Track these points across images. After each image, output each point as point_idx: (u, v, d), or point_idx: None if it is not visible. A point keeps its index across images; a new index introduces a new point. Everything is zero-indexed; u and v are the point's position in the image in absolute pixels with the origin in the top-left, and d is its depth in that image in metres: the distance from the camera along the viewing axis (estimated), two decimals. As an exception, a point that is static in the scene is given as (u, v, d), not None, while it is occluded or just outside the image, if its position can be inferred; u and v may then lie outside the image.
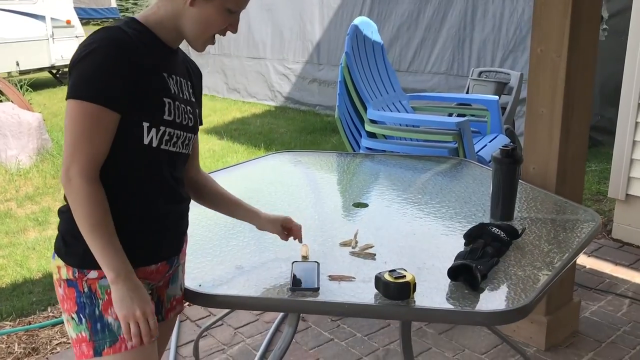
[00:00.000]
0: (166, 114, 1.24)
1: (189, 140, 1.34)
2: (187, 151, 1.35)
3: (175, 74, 1.31)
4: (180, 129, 1.29)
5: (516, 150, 1.85)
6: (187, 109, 1.33)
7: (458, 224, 1.86)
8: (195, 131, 1.38)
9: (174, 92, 1.28)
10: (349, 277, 1.51)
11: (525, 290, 1.45)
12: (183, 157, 1.35)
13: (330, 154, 2.66)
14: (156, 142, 1.23)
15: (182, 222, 1.39)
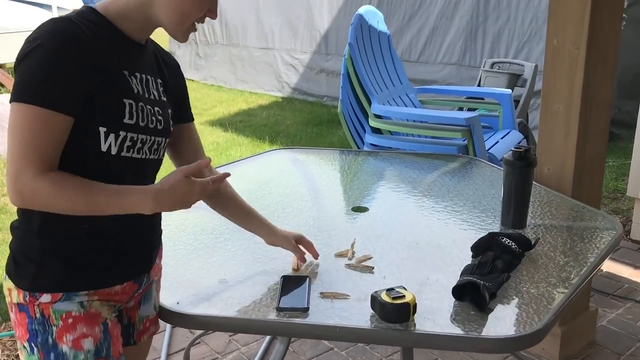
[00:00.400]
0: (127, 117, 1.10)
1: (158, 145, 1.20)
2: (157, 156, 1.21)
3: (139, 71, 1.16)
4: (145, 133, 1.15)
5: (530, 152, 1.69)
6: (155, 110, 1.18)
7: (465, 232, 1.71)
8: (167, 134, 1.23)
9: (137, 91, 1.14)
10: (342, 295, 1.37)
11: (539, 311, 1.30)
12: (153, 163, 1.21)
13: (331, 151, 2.52)
14: (116, 149, 1.09)
15: (152, 236, 1.26)
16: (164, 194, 1.08)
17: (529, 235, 1.68)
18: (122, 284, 1.18)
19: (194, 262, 1.53)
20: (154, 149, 1.19)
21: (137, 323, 1.27)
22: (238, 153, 5.07)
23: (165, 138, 1.22)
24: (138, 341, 1.28)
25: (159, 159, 1.23)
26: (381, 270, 1.49)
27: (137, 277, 1.22)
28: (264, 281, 1.43)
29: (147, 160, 1.18)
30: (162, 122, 1.20)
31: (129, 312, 1.26)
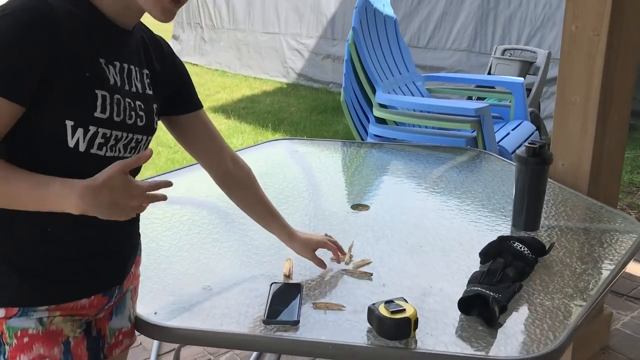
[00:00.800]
0: (98, 110, 0.97)
1: (137, 143, 1.07)
2: (132, 156, 1.08)
3: (120, 60, 1.03)
4: (121, 129, 1.02)
5: (545, 148, 1.56)
6: (136, 104, 1.05)
7: (473, 235, 1.58)
8: (149, 131, 1.10)
9: (113, 82, 1.01)
10: (337, 306, 1.24)
11: (554, 327, 1.17)
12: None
13: (333, 143, 2.38)
14: (84, 146, 0.97)
15: (126, 246, 1.13)
16: (92, 191, 0.90)
17: (543, 238, 1.55)
18: (89, 297, 1.06)
19: (176, 266, 1.40)
20: (132, 147, 1.06)
21: (107, 336, 1.15)
22: (240, 141, 4.94)
23: (147, 136, 1.09)
24: (109, 355, 1.16)
25: None
26: (380, 276, 1.36)
27: (107, 289, 1.10)
28: (251, 289, 1.31)
29: (122, 159, 1.05)
30: (143, 118, 1.07)
31: (98, 324, 1.14)
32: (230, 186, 1.33)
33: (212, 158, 1.29)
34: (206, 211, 1.71)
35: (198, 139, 1.26)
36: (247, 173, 1.35)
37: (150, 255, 1.44)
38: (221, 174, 1.31)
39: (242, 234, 1.57)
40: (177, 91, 1.20)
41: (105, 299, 1.10)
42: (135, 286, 1.21)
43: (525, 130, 2.99)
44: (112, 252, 1.09)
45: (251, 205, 1.36)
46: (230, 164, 1.31)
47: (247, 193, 1.35)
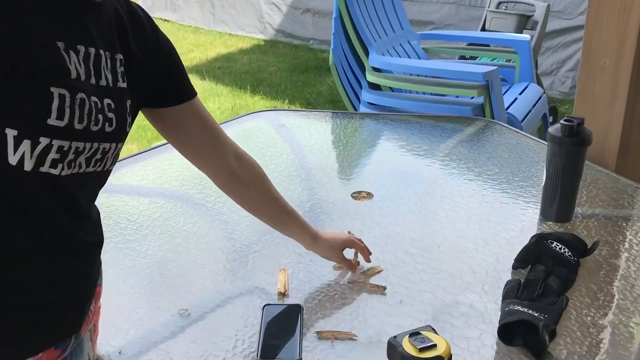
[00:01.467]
0: (53, 116, 0.70)
1: (103, 154, 0.79)
2: (101, 168, 0.81)
3: (85, 44, 0.74)
4: (84, 139, 0.75)
5: (583, 126, 1.31)
6: (104, 103, 0.77)
7: (497, 228, 1.34)
8: (120, 138, 0.82)
9: (76, 76, 0.73)
10: (347, 335, 1.00)
11: (615, 355, 0.95)
12: (93, 177, 0.81)
13: (322, 115, 2.11)
14: (31, 163, 0.70)
15: (87, 283, 0.87)
16: None
17: (579, 232, 1.32)
18: (36, 355, 0.80)
19: (145, 285, 1.14)
20: (97, 160, 0.79)
21: None
22: (216, 105, 4.62)
23: (117, 143, 0.81)
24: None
25: (105, 170, 0.83)
26: (395, 290, 1.12)
27: (60, 342, 0.84)
28: (239, 311, 1.06)
29: (84, 176, 0.78)
30: (113, 122, 0.79)
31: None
32: (236, 189, 1.09)
33: (211, 158, 1.03)
34: (180, 205, 1.45)
35: (192, 135, 0.99)
36: (255, 170, 1.09)
37: (111, 271, 1.18)
38: (224, 177, 1.06)
39: (225, 234, 1.32)
40: (163, 77, 0.91)
41: (57, 352, 0.84)
42: (95, 322, 0.95)
43: (534, 95, 2.74)
44: (69, 295, 0.83)
45: (262, 208, 1.13)
46: (234, 163, 1.05)
47: (256, 194, 1.10)
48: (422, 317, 1.04)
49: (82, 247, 0.83)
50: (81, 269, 0.85)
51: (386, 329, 1.01)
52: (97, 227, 0.88)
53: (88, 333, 0.92)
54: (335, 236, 1.18)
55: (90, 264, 0.88)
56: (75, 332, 0.86)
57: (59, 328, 0.83)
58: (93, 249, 0.87)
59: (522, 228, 1.34)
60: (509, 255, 1.23)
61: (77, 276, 0.84)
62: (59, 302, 0.81)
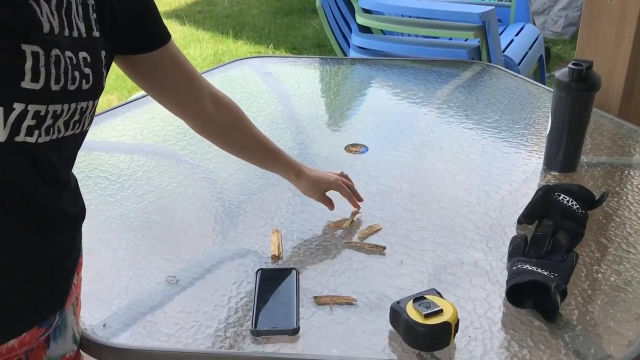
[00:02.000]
0: (27, 78, 0.61)
1: (81, 114, 0.71)
2: (79, 130, 0.73)
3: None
4: (61, 101, 0.67)
5: (592, 70, 1.23)
6: (79, 58, 0.69)
7: (499, 179, 1.27)
8: (97, 94, 0.74)
9: (49, 29, 0.64)
10: (346, 299, 0.94)
11: (629, 313, 0.90)
12: (72, 142, 0.74)
13: (310, 61, 2.00)
14: (5, 134, 0.62)
15: (68, 259, 0.80)
16: None
17: (585, 182, 1.26)
18: (20, 335, 0.74)
19: (129, 251, 1.07)
20: (75, 122, 0.70)
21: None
22: (198, 51, 4.46)
23: (94, 100, 0.73)
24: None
25: (83, 132, 0.74)
26: (395, 249, 1.06)
27: (43, 320, 0.77)
28: (231, 278, 0.99)
29: (62, 141, 0.70)
30: (90, 78, 0.70)
31: (31, 356, 0.82)
32: (214, 133, 1.04)
33: (188, 103, 0.97)
34: (164, 162, 1.36)
35: (168, 81, 0.93)
36: (232, 112, 1.04)
37: (91, 236, 1.10)
38: (201, 122, 1.01)
39: (213, 193, 1.24)
40: (137, 22, 0.83)
41: (41, 330, 0.77)
42: (77, 295, 0.88)
43: (530, 36, 2.63)
44: (51, 273, 0.76)
45: (243, 149, 1.09)
46: (211, 107, 0.99)
47: (234, 136, 1.06)
48: (424, 278, 0.99)
49: (63, 219, 0.76)
50: (63, 243, 0.78)
51: (387, 292, 0.95)
52: (77, 196, 0.81)
53: (71, 307, 0.86)
54: (322, 175, 1.14)
55: (73, 236, 0.81)
56: (60, 309, 0.80)
57: (42, 306, 0.77)
58: (75, 221, 0.80)
59: (526, 179, 1.28)
60: (512, 209, 1.17)
61: (59, 251, 0.77)
62: (42, 280, 0.75)
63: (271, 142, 1.10)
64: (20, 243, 0.70)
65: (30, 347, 0.78)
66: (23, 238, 0.70)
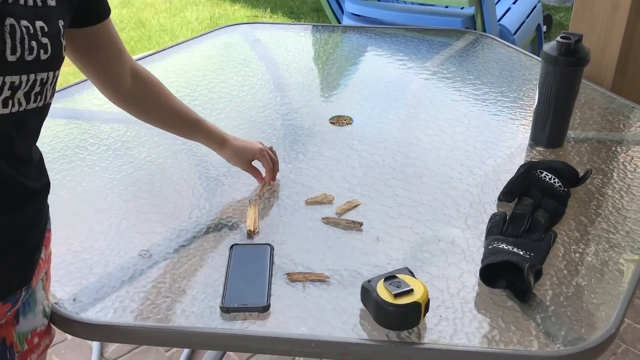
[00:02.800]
0: (8, 51, 0.63)
1: (42, 85, 0.70)
2: (43, 102, 0.72)
3: None
4: (19, 72, 0.66)
5: (581, 44, 1.19)
6: (36, 26, 0.68)
7: (484, 155, 1.25)
8: (57, 64, 0.73)
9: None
10: (319, 276, 0.94)
11: (603, 295, 0.90)
12: (36, 116, 0.73)
13: (301, 28, 1.96)
14: None
15: (34, 231, 0.79)
16: None
17: (570, 159, 1.24)
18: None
19: (104, 224, 1.06)
20: (36, 94, 0.70)
21: (17, 344, 0.83)
22: (194, 15, 4.39)
23: (54, 71, 0.72)
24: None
25: (46, 104, 0.73)
26: (373, 225, 1.05)
27: (9, 295, 0.77)
28: (205, 250, 0.99)
29: (23, 114, 0.69)
30: (48, 48, 0.69)
31: (0, 333, 0.82)
32: (132, 105, 1.05)
33: (111, 77, 0.98)
34: (144, 133, 1.34)
35: (99, 55, 0.94)
36: (150, 85, 1.04)
37: (67, 207, 1.09)
38: (120, 95, 1.02)
39: (192, 165, 1.22)
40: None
41: (6, 306, 0.77)
42: (46, 270, 0.87)
43: (529, 3, 2.57)
44: (15, 248, 0.75)
45: (163, 121, 1.10)
46: (129, 81, 1.00)
47: (151, 107, 1.07)
48: (399, 256, 0.98)
49: (26, 194, 0.75)
50: (27, 217, 0.77)
51: (361, 270, 0.95)
52: (41, 171, 0.80)
53: (40, 282, 0.85)
54: (247, 145, 1.14)
55: (37, 210, 0.80)
56: (26, 284, 0.79)
57: (7, 282, 0.76)
58: (39, 195, 0.79)
59: (511, 154, 1.26)
60: (494, 185, 1.15)
61: (23, 226, 0.76)
62: (6, 255, 0.74)
63: (192, 112, 1.11)
64: None
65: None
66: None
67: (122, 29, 4.12)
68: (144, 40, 3.98)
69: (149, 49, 3.62)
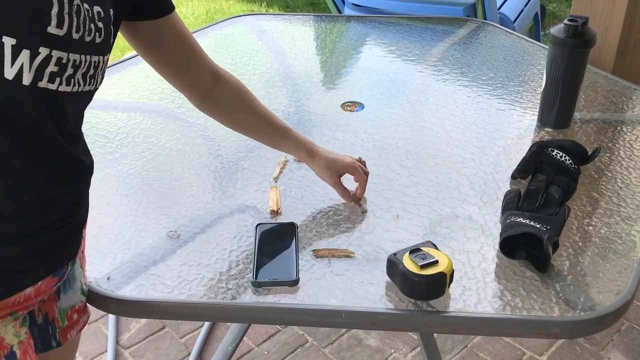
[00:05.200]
0: (53, 24, 0.64)
1: (95, 69, 0.73)
2: (93, 87, 0.74)
3: None
4: (79, 51, 0.69)
5: (588, 27, 1.23)
6: (94, 11, 0.71)
7: (494, 135, 1.29)
8: (107, 50, 0.75)
9: None
10: (344, 252, 0.97)
11: (618, 264, 0.93)
12: (86, 99, 0.76)
13: (305, 19, 1.99)
14: (30, 77, 0.64)
15: (81, 206, 0.82)
16: None
17: (578, 138, 1.28)
18: (36, 283, 0.76)
19: (130, 207, 1.09)
20: (90, 77, 0.72)
21: (58, 319, 0.86)
22: (190, 10, 4.39)
23: (104, 56, 0.75)
24: (64, 341, 0.88)
25: (95, 89, 0.76)
26: (392, 204, 1.08)
27: (58, 269, 0.80)
28: (231, 233, 1.01)
29: (79, 95, 0.72)
30: (102, 32, 0.72)
31: (43, 308, 0.85)
32: (214, 109, 1.03)
33: (187, 75, 0.98)
34: (161, 121, 1.37)
35: (169, 51, 0.93)
36: (234, 88, 1.03)
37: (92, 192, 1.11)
38: (200, 95, 1.00)
39: (211, 150, 1.25)
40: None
41: (54, 280, 0.80)
42: (82, 250, 0.90)
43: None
44: (65, 223, 0.78)
45: (248, 127, 1.06)
46: (210, 82, 0.99)
47: (237, 111, 1.04)
48: (420, 232, 1.01)
49: (77, 167, 0.78)
50: (76, 191, 0.80)
51: (384, 245, 0.98)
52: (86, 151, 0.83)
53: (78, 260, 0.88)
54: (337, 157, 1.07)
55: (87, 186, 0.83)
56: (72, 258, 0.82)
57: (58, 255, 0.79)
58: (87, 170, 0.82)
59: (520, 135, 1.30)
60: (506, 164, 1.19)
61: (72, 200, 0.79)
62: (57, 227, 0.77)
63: (278, 120, 1.07)
64: (38, 187, 0.72)
65: (44, 296, 0.81)
66: (41, 183, 0.72)
67: (118, 25, 4.12)
68: (141, 35, 3.98)
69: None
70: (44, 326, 0.85)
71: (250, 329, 1.75)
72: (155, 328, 1.84)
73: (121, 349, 1.76)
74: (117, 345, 1.76)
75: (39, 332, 0.85)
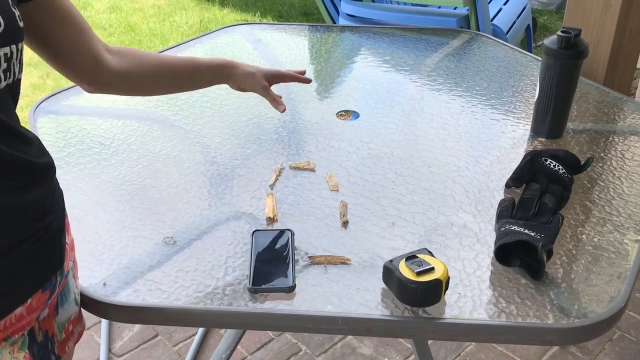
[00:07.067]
0: None
1: (8, 62, 0.68)
2: (12, 78, 0.69)
3: None
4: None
5: (580, 38, 1.25)
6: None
7: (488, 145, 1.30)
8: (16, 36, 0.69)
9: None
10: (340, 259, 0.98)
11: (611, 272, 0.94)
12: (7, 92, 0.70)
13: (300, 28, 2.00)
14: None
15: (52, 210, 0.78)
16: None
17: (571, 148, 1.29)
18: (25, 302, 0.75)
19: (126, 214, 1.09)
20: (4, 70, 0.67)
21: (57, 334, 0.85)
22: (184, 19, 4.40)
23: (16, 44, 0.69)
24: (62, 354, 0.86)
25: (16, 80, 0.71)
26: (387, 212, 1.09)
27: (46, 282, 0.78)
28: (227, 239, 1.02)
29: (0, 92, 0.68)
30: (0, 21, 0.66)
31: (43, 326, 0.83)
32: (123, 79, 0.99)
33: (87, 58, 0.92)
34: (157, 128, 1.37)
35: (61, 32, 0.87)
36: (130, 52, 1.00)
37: (87, 198, 1.11)
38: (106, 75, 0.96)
39: (207, 157, 1.26)
40: None
41: (46, 293, 0.78)
42: (73, 258, 0.89)
43: (518, 5, 2.64)
44: (39, 235, 0.74)
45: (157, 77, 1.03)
46: (108, 56, 0.95)
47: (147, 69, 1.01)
48: (415, 239, 1.02)
49: (33, 169, 0.73)
50: (40, 199, 0.74)
51: (380, 252, 0.98)
52: (42, 151, 0.77)
53: (70, 270, 0.87)
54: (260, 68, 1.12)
55: (49, 190, 0.77)
56: (58, 268, 0.81)
57: (39, 270, 0.76)
58: (46, 170, 0.76)
59: (514, 145, 1.31)
60: (500, 173, 1.20)
61: (38, 208, 0.74)
62: (31, 243, 0.73)
63: (184, 58, 1.05)
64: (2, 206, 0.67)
65: (40, 312, 0.79)
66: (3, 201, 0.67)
67: (112, 34, 4.13)
68: (135, 44, 3.99)
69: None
70: (43, 343, 0.83)
71: (243, 337, 1.75)
72: (148, 336, 1.83)
73: (114, 357, 1.75)
74: (109, 353, 1.75)
75: (39, 349, 0.82)
